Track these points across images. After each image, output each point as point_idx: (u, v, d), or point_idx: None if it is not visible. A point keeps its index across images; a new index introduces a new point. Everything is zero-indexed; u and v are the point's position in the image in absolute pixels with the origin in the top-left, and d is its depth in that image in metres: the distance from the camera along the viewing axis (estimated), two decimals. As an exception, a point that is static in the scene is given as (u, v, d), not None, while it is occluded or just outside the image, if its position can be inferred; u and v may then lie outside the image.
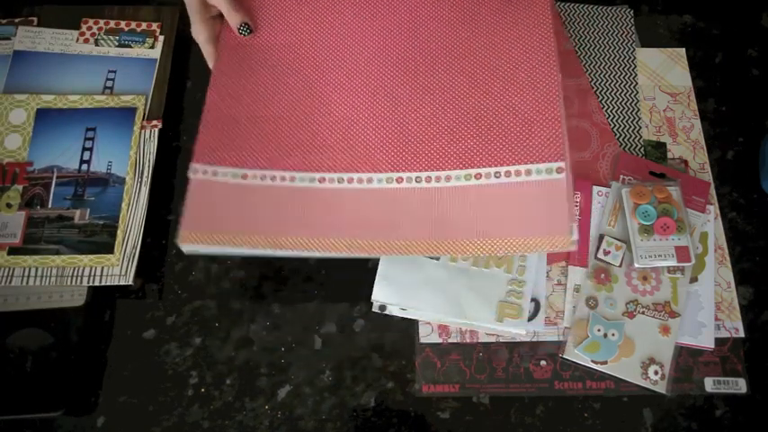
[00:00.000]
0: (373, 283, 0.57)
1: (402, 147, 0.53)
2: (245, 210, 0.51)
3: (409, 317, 0.58)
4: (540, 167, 0.50)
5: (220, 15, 0.58)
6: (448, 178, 0.51)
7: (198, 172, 0.52)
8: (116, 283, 0.57)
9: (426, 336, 0.58)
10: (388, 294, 0.58)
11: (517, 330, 0.57)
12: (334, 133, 0.53)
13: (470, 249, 0.50)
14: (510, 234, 0.49)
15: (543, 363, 0.57)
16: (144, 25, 0.68)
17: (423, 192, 0.51)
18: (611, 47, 0.69)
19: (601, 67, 0.68)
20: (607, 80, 0.68)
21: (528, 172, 0.50)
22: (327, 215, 0.51)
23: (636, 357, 0.56)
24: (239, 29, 0.57)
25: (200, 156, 0.52)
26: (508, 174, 0.51)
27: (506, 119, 0.52)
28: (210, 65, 0.58)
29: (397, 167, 0.52)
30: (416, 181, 0.52)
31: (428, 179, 0.52)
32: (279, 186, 0.52)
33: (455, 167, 0.52)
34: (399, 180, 0.52)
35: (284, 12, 0.59)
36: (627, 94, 0.67)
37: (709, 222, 0.61)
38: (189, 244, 0.50)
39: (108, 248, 0.58)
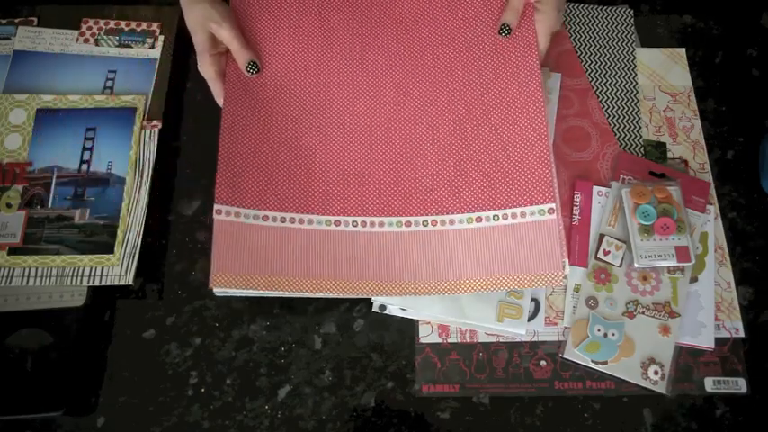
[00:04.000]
0: (373, 283, 0.57)
1: (409, 194, 0.58)
2: (270, 252, 0.55)
3: (409, 317, 0.58)
4: (534, 209, 0.56)
5: (227, 50, 0.59)
6: (451, 222, 0.56)
7: (221, 213, 0.54)
8: (116, 283, 0.57)
9: (426, 336, 0.58)
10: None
11: (517, 330, 0.57)
12: (348, 181, 0.58)
13: (471, 287, 0.54)
14: (507, 272, 0.54)
15: (543, 363, 0.57)
16: (144, 25, 0.68)
17: (428, 234, 0.56)
18: (611, 47, 0.69)
19: (601, 67, 0.68)
20: (607, 80, 0.68)
21: (522, 214, 0.56)
22: (342, 256, 0.55)
23: (636, 357, 0.56)
24: (247, 67, 0.58)
25: (221, 197, 0.55)
26: (505, 216, 0.56)
27: (502, 166, 0.57)
28: (218, 101, 0.59)
29: (405, 212, 0.57)
30: (423, 225, 0.56)
31: (434, 223, 0.56)
32: (298, 229, 0.56)
33: (458, 212, 0.57)
34: (408, 224, 0.56)
35: (290, 51, 0.61)
36: (627, 94, 0.67)
37: (709, 222, 0.61)
38: (220, 285, 0.53)
39: (108, 248, 0.58)
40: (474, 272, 0.55)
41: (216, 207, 0.54)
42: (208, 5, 0.56)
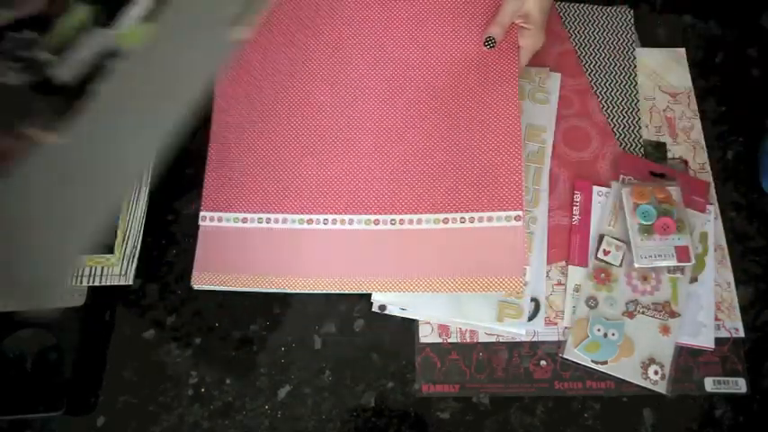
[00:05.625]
0: (373, 283, 0.57)
1: (379, 194, 0.59)
2: (247, 252, 0.58)
3: (409, 317, 0.58)
4: (501, 215, 0.56)
5: None
6: (419, 221, 0.57)
7: (206, 219, 0.60)
8: (116, 283, 0.57)
9: (426, 336, 0.58)
10: (388, 294, 0.58)
11: (517, 330, 0.57)
12: (321, 182, 0.60)
13: (433, 286, 0.55)
14: (469, 273, 0.55)
15: (543, 363, 0.57)
16: (144, 25, 0.68)
17: (396, 233, 0.57)
18: (611, 47, 0.69)
19: (601, 67, 0.68)
20: (607, 80, 0.68)
21: (489, 218, 0.57)
22: (314, 253, 0.58)
23: (636, 357, 0.56)
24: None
25: (206, 204, 0.60)
26: (472, 219, 0.57)
27: (473, 171, 0.58)
28: None
29: (374, 211, 0.58)
30: (391, 223, 0.57)
31: (401, 221, 0.57)
32: (273, 228, 0.59)
33: (425, 212, 0.58)
34: (376, 222, 0.58)
35: (273, 57, 0.63)
36: (627, 94, 0.67)
37: (709, 222, 0.61)
38: (201, 284, 0.58)
39: (108, 248, 0.58)
40: (437, 271, 0.56)
41: (201, 214, 0.60)
42: None
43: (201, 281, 0.57)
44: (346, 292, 0.57)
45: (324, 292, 0.57)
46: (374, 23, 0.64)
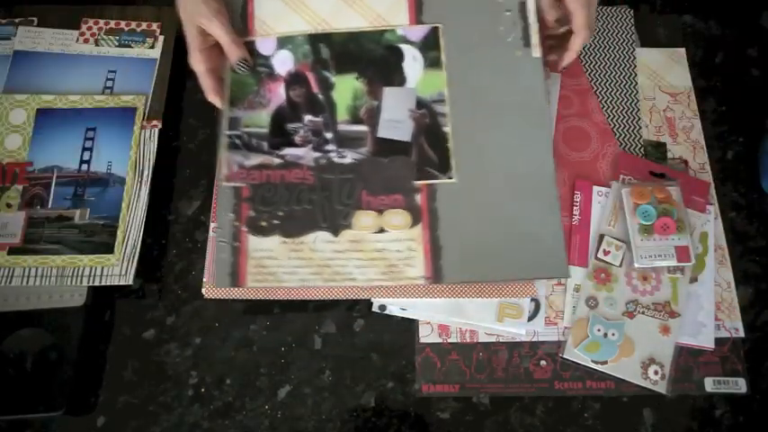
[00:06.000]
0: (373, 283, 0.57)
1: None
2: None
3: (409, 317, 0.58)
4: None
5: (219, 47, 0.58)
6: None
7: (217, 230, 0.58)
8: (116, 283, 0.57)
9: (426, 336, 0.58)
10: (388, 294, 0.58)
11: (517, 330, 0.57)
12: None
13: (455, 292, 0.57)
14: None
15: (543, 363, 0.57)
16: (144, 25, 0.68)
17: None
18: (611, 47, 0.69)
19: (601, 67, 0.68)
20: (607, 80, 0.68)
21: None
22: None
23: (636, 357, 0.56)
24: (238, 65, 0.58)
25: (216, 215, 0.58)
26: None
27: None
28: (209, 97, 0.57)
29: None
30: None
31: None
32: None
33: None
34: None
35: None
36: (627, 94, 0.67)
37: (709, 222, 0.61)
38: (212, 295, 0.57)
39: (108, 248, 0.58)
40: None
41: (213, 225, 0.58)
42: (200, 1, 0.56)
43: (213, 293, 0.57)
44: (361, 297, 0.58)
45: (337, 298, 0.57)
46: None
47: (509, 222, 0.55)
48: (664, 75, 0.69)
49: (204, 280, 0.58)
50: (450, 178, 0.56)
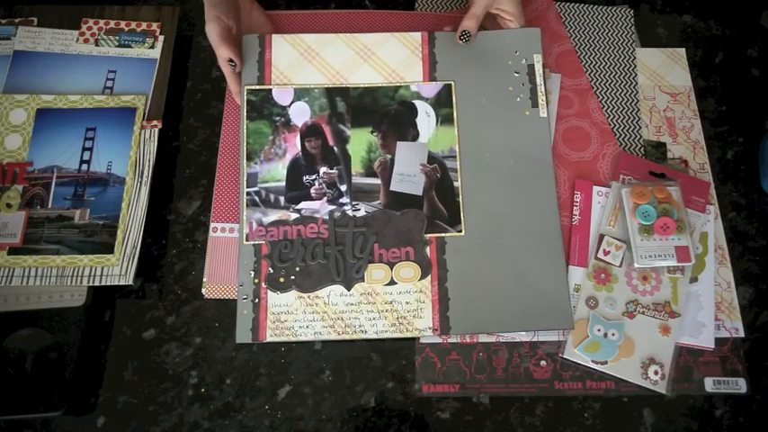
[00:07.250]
0: (373, 283, 0.57)
1: None
2: None
3: (409, 317, 0.58)
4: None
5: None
6: None
7: (217, 230, 0.61)
8: (116, 283, 0.57)
9: (426, 336, 0.58)
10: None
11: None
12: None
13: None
14: None
15: (543, 363, 0.57)
16: (144, 25, 0.68)
17: None
18: (611, 47, 0.69)
19: (601, 67, 0.68)
20: (607, 80, 0.68)
21: None
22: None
23: (636, 357, 0.56)
24: (229, 61, 0.60)
25: (216, 214, 0.61)
26: None
27: None
28: (231, 86, 0.61)
29: None
30: None
31: None
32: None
33: None
34: None
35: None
36: (627, 94, 0.67)
37: (709, 222, 0.61)
38: (212, 295, 0.59)
39: (108, 248, 0.58)
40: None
41: (212, 225, 0.60)
42: (209, 4, 0.57)
43: (213, 292, 0.59)
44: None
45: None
46: None
47: (516, 275, 0.57)
48: (664, 75, 0.69)
49: (204, 280, 0.58)
50: (460, 231, 0.58)
